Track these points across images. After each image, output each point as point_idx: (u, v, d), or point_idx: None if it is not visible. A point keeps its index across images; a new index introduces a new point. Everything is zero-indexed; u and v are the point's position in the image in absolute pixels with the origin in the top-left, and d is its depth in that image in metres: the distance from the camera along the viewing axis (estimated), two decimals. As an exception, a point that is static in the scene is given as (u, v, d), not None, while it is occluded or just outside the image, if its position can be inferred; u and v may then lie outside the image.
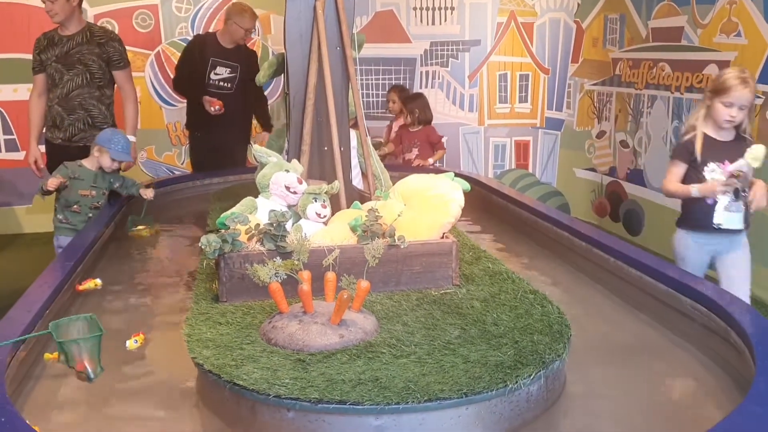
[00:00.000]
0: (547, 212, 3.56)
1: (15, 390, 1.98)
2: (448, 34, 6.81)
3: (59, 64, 4.27)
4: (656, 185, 5.68)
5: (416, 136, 5.73)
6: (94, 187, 3.86)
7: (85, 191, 3.83)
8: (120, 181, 3.98)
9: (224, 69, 5.22)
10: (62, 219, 3.85)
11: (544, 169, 7.12)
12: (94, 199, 3.86)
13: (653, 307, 2.62)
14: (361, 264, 2.29)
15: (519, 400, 1.87)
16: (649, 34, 5.78)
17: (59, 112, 4.31)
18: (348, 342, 2.03)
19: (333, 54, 3.15)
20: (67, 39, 4.29)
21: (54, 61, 4.27)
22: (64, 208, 3.84)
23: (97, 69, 4.31)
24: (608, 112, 6.44)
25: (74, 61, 4.28)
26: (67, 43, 4.28)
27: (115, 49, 4.38)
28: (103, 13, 6.49)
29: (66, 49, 4.27)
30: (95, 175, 3.87)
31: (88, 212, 3.83)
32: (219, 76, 5.23)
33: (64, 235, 3.81)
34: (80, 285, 2.79)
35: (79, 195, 3.82)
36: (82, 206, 3.83)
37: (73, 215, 3.83)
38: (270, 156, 2.86)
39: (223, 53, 5.23)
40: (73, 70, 4.28)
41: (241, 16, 5.14)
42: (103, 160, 3.83)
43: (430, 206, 2.61)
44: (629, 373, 2.22)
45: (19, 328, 2.13)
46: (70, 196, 3.82)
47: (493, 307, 2.32)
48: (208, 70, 5.21)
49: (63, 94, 4.29)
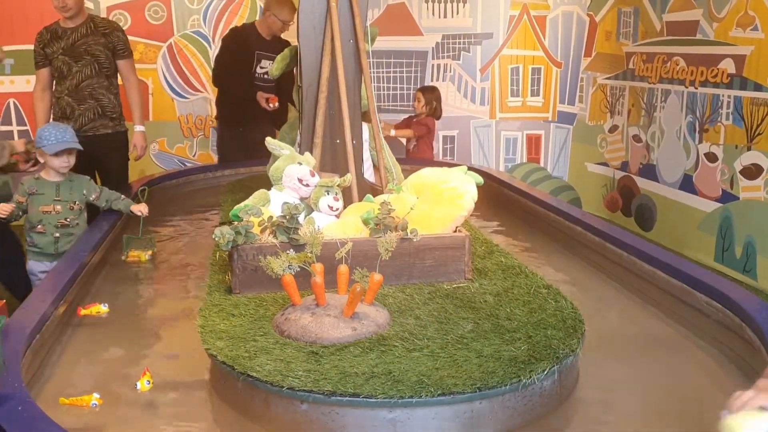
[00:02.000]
0: (560, 206, 3.54)
1: (31, 378, 1.99)
2: (460, 27, 6.77)
3: (66, 56, 4.28)
4: (669, 180, 5.64)
5: (414, 125, 5.72)
6: (59, 201, 3.29)
7: (47, 207, 3.27)
8: (96, 192, 3.41)
9: (268, 62, 5.12)
10: (29, 241, 3.31)
11: (556, 163, 7.08)
12: (60, 216, 3.28)
13: (667, 303, 2.61)
14: (374, 257, 2.28)
15: (532, 395, 1.87)
16: (663, 28, 5.72)
17: (69, 103, 4.32)
18: (361, 335, 2.03)
19: (346, 47, 3.14)
20: (71, 31, 4.29)
21: (61, 53, 4.28)
22: (29, 230, 3.29)
23: (105, 59, 4.32)
24: (621, 107, 6.39)
25: (81, 52, 4.29)
26: (71, 35, 4.29)
27: (119, 39, 4.39)
28: (116, 5, 6.49)
29: (72, 41, 4.28)
30: (57, 187, 3.30)
31: (54, 231, 3.27)
32: (264, 70, 5.15)
33: (33, 259, 3.31)
34: (84, 308, 2.52)
35: (41, 212, 3.26)
36: (47, 225, 3.26)
37: (39, 236, 3.27)
38: (283, 148, 2.86)
39: (266, 46, 5.15)
40: (81, 61, 4.29)
41: (280, 8, 5.05)
42: (50, 162, 3.26)
43: (443, 199, 2.61)
44: (642, 368, 2.21)
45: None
46: (32, 214, 3.26)
47: (506, 301, 2.31)
48: (255, 64, 5.16)
49: (73, 85, 4.30)
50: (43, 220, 3.26)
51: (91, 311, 2.48)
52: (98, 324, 2.51)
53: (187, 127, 6.79)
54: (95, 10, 6.37)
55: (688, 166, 5.36)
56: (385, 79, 6.73)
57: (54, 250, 3.26)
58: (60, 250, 3.24)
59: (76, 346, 2.34)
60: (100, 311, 2.49)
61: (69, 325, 2.47)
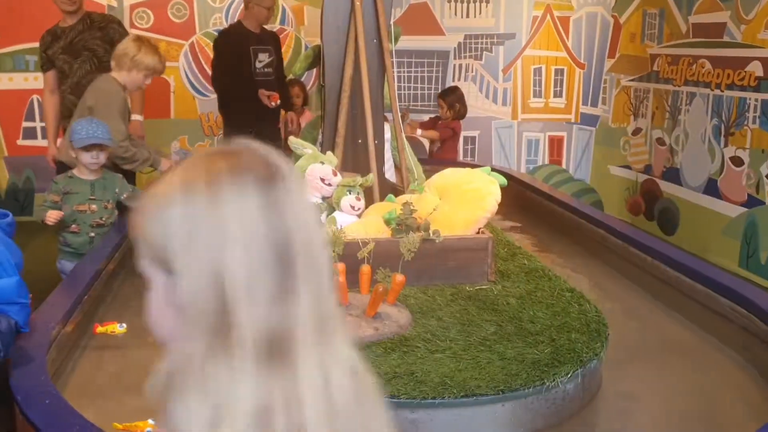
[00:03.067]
0: (583, 209, 3.52)
1: (55, 372, 2.01)
2: (483, 27, 6.75)
3: (66, 54, 4.31)
4: (693, 184, 5.59)
5: (439, 127, 5.70)
6: (94, 200, 3.24)
7: (82, 206, 3.21)
8: (128, 191, 3.38)
9: (264, 54, 5.11)
10: (62, 241, 3.26)
11: (578, 166, 7.04)
12: (96, 215, 3.23)
13: (691, 308, 2.58)
14: (396, 257, 2.28)
15: (555, 398, 1.86)
16: (689, 30, 5.67)
17: (72, 101, 4.33)
18: (383, 335, 2.03)
19: (370, 46, 3.14)
20: (69, 29, 4.33)
21: (61, 53, 4.31)
22: (63, 229, 3.24)
23: (103, 53, 4.33)
24: (645, 109, 6.34)
25: (79, 48, 4.31)
26: (69, 34, 4.32)
27: (116, 31, 4.40)
28: (139, 3, 6.55)
29: (69, 39, 4.31)
30: (92, 185, 3.25)
31: (89, 231, 3.23)
32: (262, 63, 5.11)
33: (66, 259, 3.24)
34: (100, 326, 2.36)
35: (75, 212, 3.21)
36: (82, 224, 3.22)
37: (73, 236, 3.22)
38: (305, 147, 2.87)
39: (257, 39, 5.12)
40: (80, 57, 4.31)
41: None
42: (80, 158, 3.22)
43: (466, 200, 2.60)
44: (666, 373, 2.19)
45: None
46: (66, 214, 3.19)
47: (529, 304, 2.30)
48: (253, 61, 5.13)
49: (74, 82, 4.32)
50: (77, 219, 3.21)
51: (107, 330, 2.33)
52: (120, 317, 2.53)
53: (208, 125, 6.83)
54: (118, 8, 6.43)
55: (713, 170, 5.30)
56: (406, 79, 6.72)
57: (89, 250, 3.17)
58: None
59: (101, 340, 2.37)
60: (116, 330, 2.32)
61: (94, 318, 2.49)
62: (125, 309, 2.59)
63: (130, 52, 3.63)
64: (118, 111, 3.56)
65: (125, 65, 3.63)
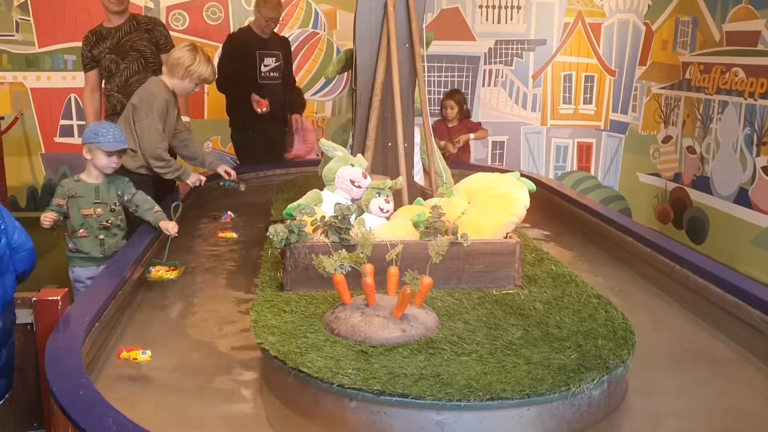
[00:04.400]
0: (612, 216, 3.50)
1: (89, 364, 2.06)
2: (514, 33, 6.76)
3: (113, 54, 4.41)
4: (723, 193, 5.53)
5: (458, 131, 5.69)
6: (98, 204, 3.23)
7: (87, 210, 3.20)
8: (130, 194, 3.28)
9: (271, 59, 5.23)
10: (72, 247, 3.25)
11: (607, 173, 7.00)
12: (102, 218, 3.22)
13: (720, 318, 2.56)
14: (423, 260, 2.30)
15: (581, 404, 1.86)
16: (722, 38, 5.61)
17: (119, 99, 4.43)
18: (409, 337, 2.05)
19: (402, 51, 3.17)
20: (115, 30, 4.42)
21: (107, 52, 4.40)
22: (71, 236, 3.23)
23: (150, 54, 4.43)
24: (675, 117, 6.29)
25: (127, 49, 4.41)
26: (116, 34, 4.42)
27: (162, 33, 4.51)
28: (175, 5, 6.66)
29: (116, 39, 4.41)
30: (95, 189, 3.23)
31: (98, 234, 3.23)
32: (268, 67, 5.23)
33: (78, 265, 3.24)
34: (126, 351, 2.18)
35: (82, 216, 3.20)
36: (89, 228, 3.21)
37: (82, 241, 3.22)
38: (336, 150, 2.90)
39: (264, 44, 5.22)
40: (127, 57, 4.41)
41: (264, 5, 5.11)
42: (97, 160, 3.19)
43: (495, 205, 2.61)
44: (693, 383, 2.17)
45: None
46: (74, 218, 3.20)
47: (556, 309, 2.30)
48: (258, 64, 5.20)
49: (121, 81, 4.42)
50: (84, 223, 3.21)
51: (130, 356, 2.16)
52: (151, 312, 2.58)
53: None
54: (155, 10, 6.55)
55: (744, 179, 5.25)
56: (436, 83, 6.75)
57: (101, 252, 3.22)
58: (108, 252, 3.21)
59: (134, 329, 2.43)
60: (138, 358, 2.15)
61: (126, 313, 2.55)
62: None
63: (185, 62, 3.70)
64: (158, 112, 3.65)
65: (178, 73, 3.71)
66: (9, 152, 6.47)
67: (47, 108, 6.76)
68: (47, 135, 6.80)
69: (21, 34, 6.62)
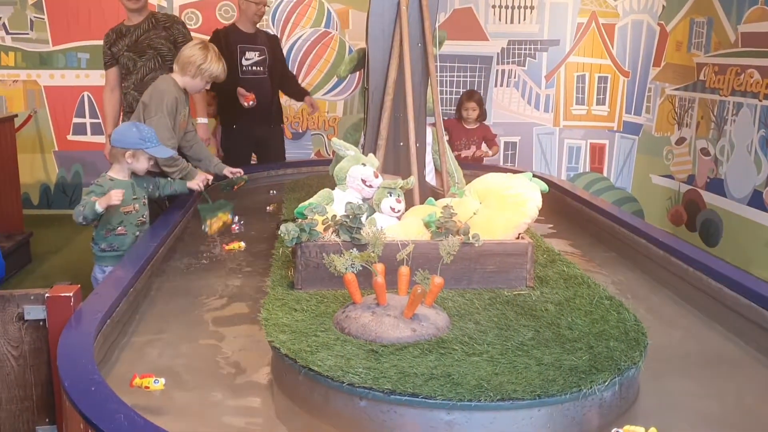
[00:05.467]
0: (624, 217, 3.48)
1: (101, 361, 2.07)
2: (527, 33, 6.74)
3: (131, 52, 4.43)
4: (738, 196, 5.49)
5: (475, 133, 5.68)
6: (135, 200, 3.32)
7: (127, 207, 3.26)
8: (152, 183, 3.44)
9: (253, 53, 5.23)
10: (105, 247, 3.28)
11: (619, 174, 6.97)
12: (138, 214, 3.32)
13: (733, 321, 2.54)
14: (434, 260, 2.29)
15: (592, 406, 1.85)
16: (738, 39, 5.57)
17: (135, 97, 4.45)
18: (420, 336, 2.05)
19: (414, 50, 3.16)
20: (134, 28, 4.45)
21: (126, 50, 4.43)
22: (106, 234, 3.26)
23: (167, 52, 4.44)
24: (689, 119, 6.24)
25: (144, 47, 4.43)
26: (134, 32, 4.44)
27: (180, 31, 4.52)
28: (188, 4, 6.69)
29: (135, 37, 4.43)
30: (131, 186, 3.30)
31: (135, 231, 3.31)
32: (250, 61, 5.23)
33: (112, 264, 3.17)
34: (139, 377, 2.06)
35: (122, 214, 3.25)
36: (128, 225, 3.28)
37: (119, 239, 3.27)
38: (348, 149, 2.90)
39: (247, 38, 5.24)
40: (144, 55, 4.43)
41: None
42: (139, 163, 3.26)
43: (507, 205, 2.60)
44: (705, 386, 2.16)
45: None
46: (113, 217, 3.23)
47: (567, 311, 2.29)
48: (239, 58, 5.22)
49: (138, 79, 4.44)
50: (124, 221, 3.26)
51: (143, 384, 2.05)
52: (163, 310, 2.59)
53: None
54: (168, 8, 6.58)
55: (759, 181, 5.21)
56: (448, 83, 6.74)
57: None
58: None
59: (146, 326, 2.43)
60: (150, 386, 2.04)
61: (137, 311, 2.56)
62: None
63: (196, 60, 3.71)
64: (168, 110, 3.64)
65: (190, 72, 3.72)
66: (22, 150, 6.51)
67: (60, 106, 6.80)
68: (60, 133, 6.85)
69: (35, 33, 6.66)
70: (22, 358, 2.32)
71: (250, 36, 5.27)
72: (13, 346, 2.31)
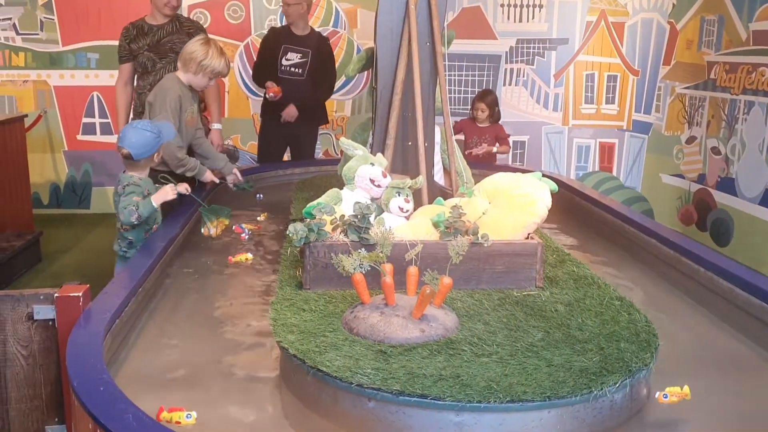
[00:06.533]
0: (634, 217, 3.46)
1: (109, 360, 2.07)
2: (536, 32, 6.72)
3: (151, 52, 4.42)
4: (749, 195, 5.45)
5: (486, 132, 5.66)
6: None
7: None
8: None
9: (295, 54, 5.30)
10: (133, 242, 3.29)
11: (629, 173, 6.93)
12: (160, 211, 3.35)
13: (744, 322, 2.52)
14: (443, 260, 2.28)
15: (602, 407, 1.84)
16: (749, 37, 5.53)
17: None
18: (429, 337, 2.04)
19: (423, 49, 3.15)
20: (157, 28, 4.43)
21: (146, 50, 4.42)
22: (146, 234, 3.29)
23: None
24: (700, 117, 6.20)
25: (166, 49, 4.42)
26: (157, 32, 4.42)
27: None
28: (197, 4, 6.70)
29: (157, 38, 4.42)
30: (153, 183, 3.35)
31: (160, 225, 3.37)
32: (290, 62, 5.30)
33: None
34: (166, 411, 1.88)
35: (158, 212, 3.30)
36: (159, 222, 3.35)
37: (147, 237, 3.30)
38: (356, 149, 2.89)
39: (294, 40, 5.31)
40: (165, 58, 4.42)
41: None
42: (159, 156, 3.33)
43: (516, 205, 2.59)
44: (717, 387, 2.14)
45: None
46: (151, 217, 3.25)
47: (577, 311, 2.28)
48: (280, 56, 5.29)
49: (155, 80, 4.43)
50: (157, 218, 3.32)
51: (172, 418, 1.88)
52: (171, 310, 2.59)
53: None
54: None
55: (770, 181, 5.17)
56: (456, 82, 6.72)
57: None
58: None
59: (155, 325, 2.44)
60: (182, 421, 1.87)
61: (146, 310, 2.56)
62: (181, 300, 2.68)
63: (197, 57, 3.70)
64: (171, 108, 3.64)
65: (191, 68, 3.71)
66: (32, 149, 6.54)
67: (70, 106, 6.83)
68: (70, 132, 6.88)
69: (45, 33, 6.69)
70: (31, 357, 2.33)
71: (298, 38, 5.31)
72: (23, 345, 2.31)
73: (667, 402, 1.99)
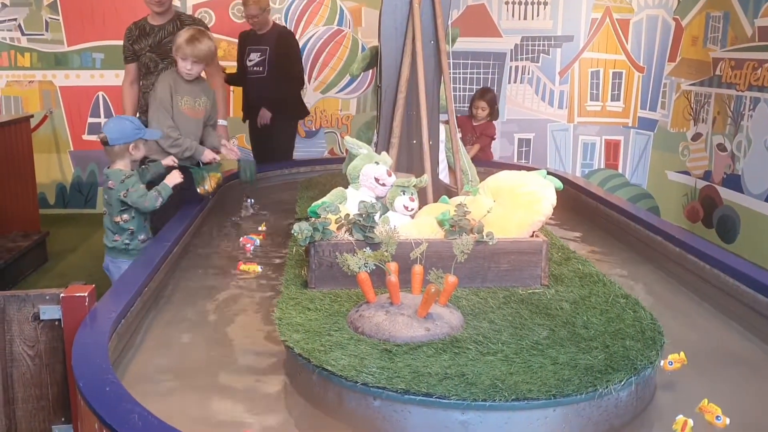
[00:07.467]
0: (640, 214, 3.45)
1: (115, 360, 2.08)
2: (540, 29, 6.70)
3: (153, 53, 4.42)
4: (755, 192, 5.43)
5: (478, 129, 5.64)
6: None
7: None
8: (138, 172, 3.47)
9: (256, 54, 5.44)
10: (143, 238, 3.36)
11: (635, 170, 6.91)
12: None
13: (751, 319, 2.51)
14: (448, 258, 2.28)
15: (608, 405, 1.83)
16: (755, 33, 5.50)
17: None
18: (434, 335, 2.04)
19: (427, 48, 3.15)
20: (158, 28, 4.42)
21: (148, 50, 4.41)
22: (145, 223, 3.36)
23: None
24: (706, 114, 6.18)
25: (168, 50, 4.40)
26: (159, 33, 4.42)
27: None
28: (202, 3, 6.70)
29: (158, 38, 4.42)
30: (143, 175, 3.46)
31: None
32: (252, 62, 5.45)
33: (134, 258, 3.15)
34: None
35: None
36: (151, 215, 3.41)
37: (146, 229, 3.39)
38: (361, 147, 2.89)
39: (254, 39, 5.46)
40: (167, 58, 4.41)
41: (244, 3, 5.34)
42: (139, 152, 3.34)
43: (521, 203, 2.58)
44: (723, 385, 2.13)
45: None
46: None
47: (583, 309, 2.27)
48: (245, 59, 5.47)
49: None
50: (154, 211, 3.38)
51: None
52: (177, 310, 2.60)
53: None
54: (182, 7, 6.59)
55: (777, 177, 5.14)
56: (461, 80, 6.71)
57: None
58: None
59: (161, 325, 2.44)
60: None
61: (152, 310, 2.57)
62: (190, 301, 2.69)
63: (174, 43, 3.81)
64: (159, 99, 3.74)
65: (175, 56, 3.81)
66: (38, 149, 6.56)
67: (76, 106, 6.84)
68: (76, 132, 6.89)
69: (50, 33, 6.71)
70: (38, 357, 2.34)
71: (258, 37, 5.45)
72: (29, 345, 2.32)
73: (672, 369, 2.09)
